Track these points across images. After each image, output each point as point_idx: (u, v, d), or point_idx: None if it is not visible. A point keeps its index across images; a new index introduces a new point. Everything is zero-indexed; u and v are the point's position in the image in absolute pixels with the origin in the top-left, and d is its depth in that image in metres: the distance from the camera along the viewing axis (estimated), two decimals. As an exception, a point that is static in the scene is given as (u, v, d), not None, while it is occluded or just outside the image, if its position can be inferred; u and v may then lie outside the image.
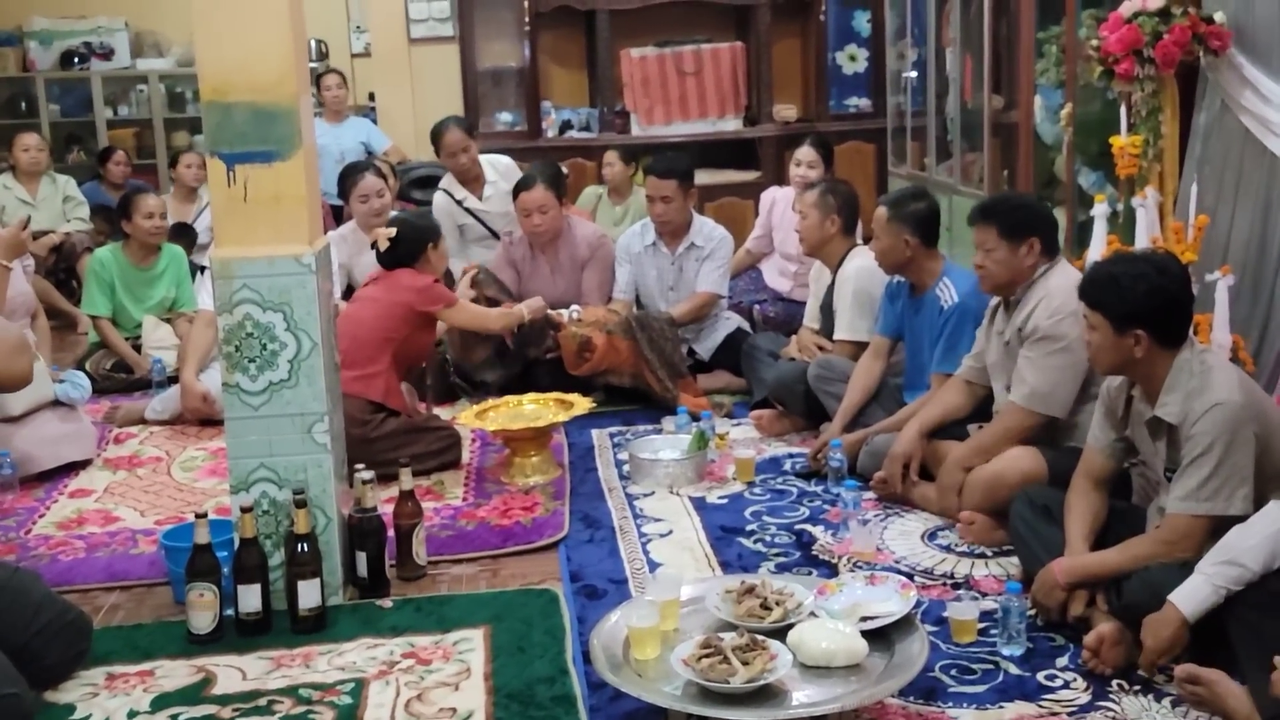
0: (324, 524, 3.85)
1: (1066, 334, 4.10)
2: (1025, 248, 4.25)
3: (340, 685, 3.41)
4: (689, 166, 6.43)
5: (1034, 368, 4.16)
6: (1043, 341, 4.14)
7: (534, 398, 5.40)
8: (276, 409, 3.81)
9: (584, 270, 6.47)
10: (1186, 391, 3.36)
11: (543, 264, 6.52)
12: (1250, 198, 4.88)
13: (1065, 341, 4.11)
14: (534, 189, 6.34)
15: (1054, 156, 6.32)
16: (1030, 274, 4.27)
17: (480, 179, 7.20)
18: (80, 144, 11.71)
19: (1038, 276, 4.26)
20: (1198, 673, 3.05)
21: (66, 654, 3.45)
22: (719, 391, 6.19)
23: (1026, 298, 4.26)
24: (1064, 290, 4.14)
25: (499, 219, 7.04)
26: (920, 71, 8.41)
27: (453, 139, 7.10)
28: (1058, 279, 4.23)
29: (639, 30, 9.81)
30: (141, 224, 6.81)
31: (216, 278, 3.79)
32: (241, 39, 3.69)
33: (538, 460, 5.07)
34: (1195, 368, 3.39)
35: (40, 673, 3.33)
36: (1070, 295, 4.11)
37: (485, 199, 7.19)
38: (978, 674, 3.37)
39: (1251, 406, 3.32)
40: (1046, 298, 4.19)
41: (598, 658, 3.11)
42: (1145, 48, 4.90)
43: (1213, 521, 3.27)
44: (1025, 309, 4.24)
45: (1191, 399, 3.34)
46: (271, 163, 3.74)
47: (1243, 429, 3.28)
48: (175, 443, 5.74)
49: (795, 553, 4.25)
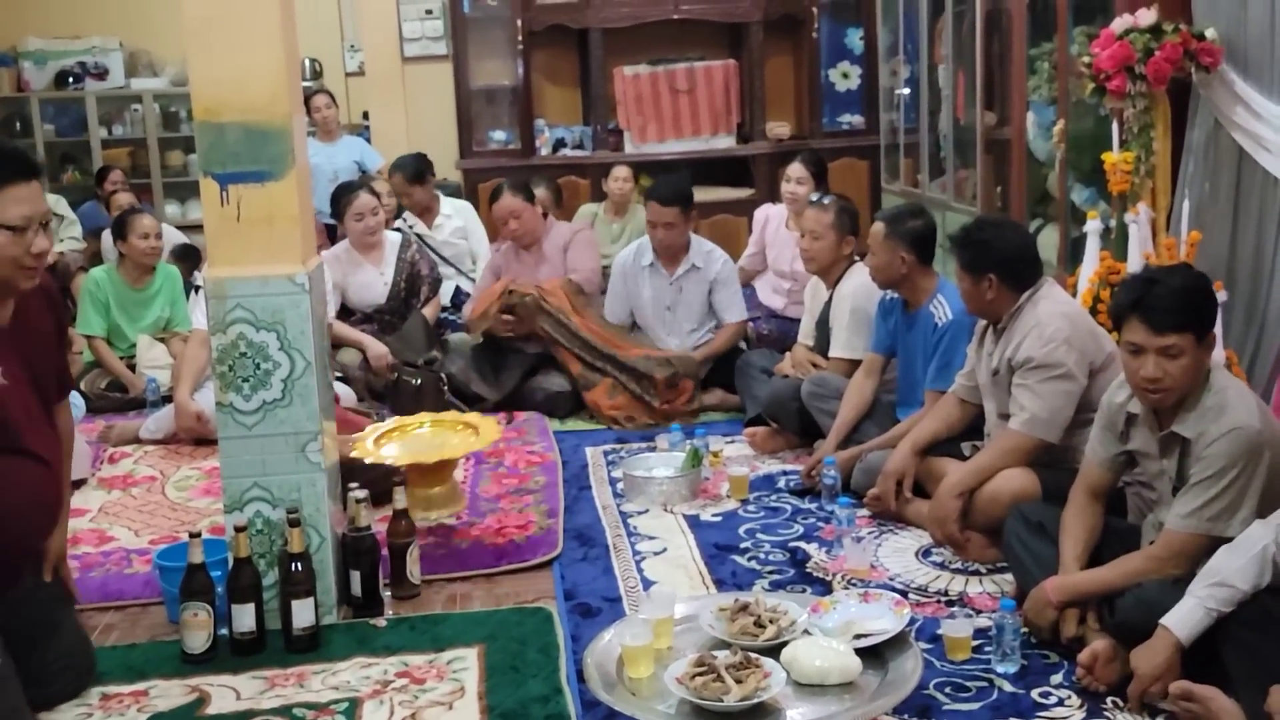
0: (318, 543, 3.85)
1: (1062, 361, 4.08)
2: (985, 283, 4.23)
3: (334, 705, 3.40)
4: (690, 191, 6.45)
5: (1031, 394, 4.12)
6: (1039, 369, 4.10)
7: (434, 418, 5.02)
8: (270, 428, 3.80)
9: (567, 253, 6.64)
10: (1203, 410, 3.33)
11: (527, 259, 6.67)
12: (1243, 214, 4.89)
13: (1063, 369, 4.08)
14: (502, 198, 6.61)
15: (1046, 173, 6.34)
16: (1000, 306, 4.24)
17: (434, 210, 8.11)
18: (75, 164, 11.73)
19: (1024, 304, 4.22)
20: (1191, 690, 3.05)
21: (67, 689, 3.45)
22: (713, 409, 6.20)
23: (1014, 327, 4.22)
24: (1055, 318, 4.13)
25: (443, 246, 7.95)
26: (913, 88, 8.44)
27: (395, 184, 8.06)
28: (1046, 306, 4.19)
29: (632, 48, 9.84)
30: (137, 244, 6.81)
31: (210, 297, 3.79)
32: (234, 59, 3.69)
33: (440, 492, 4.80)
34: (1215, 385, 3.35)
35: (38, 698, 3.32)
36: (1062, 321, 4.12)
37: (435, 227, 8.04)
38: (972, 691, 3.36)
39: (1266, 432, 3.30)
40: (1038, 327, 4.14)
41: (592, 676, 3.12)
42: (1137, 64, 4.92)
43: (1210, 542, 3.26)
44: (1014, 339, 4.20)
45: (1207, 419, 3.31)
46: (264, 182, 3.74)
47: (1257, 455, 3.26)
48: (169, 462, 5.73)
49: (789, 570, 4.25)
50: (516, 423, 6.12)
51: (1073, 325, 4.15)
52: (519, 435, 5.91)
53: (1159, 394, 3.34)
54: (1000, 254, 4.24)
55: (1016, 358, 4.16)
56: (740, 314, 6.43)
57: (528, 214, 6.60)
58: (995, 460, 4.20)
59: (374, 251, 6.92)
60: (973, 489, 4.19)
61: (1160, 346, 3.28)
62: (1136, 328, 3.32)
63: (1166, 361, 3.29)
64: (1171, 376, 3.30)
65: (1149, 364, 3.30)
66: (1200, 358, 3.33)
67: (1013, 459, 4.16)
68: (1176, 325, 3.27)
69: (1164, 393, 3.33)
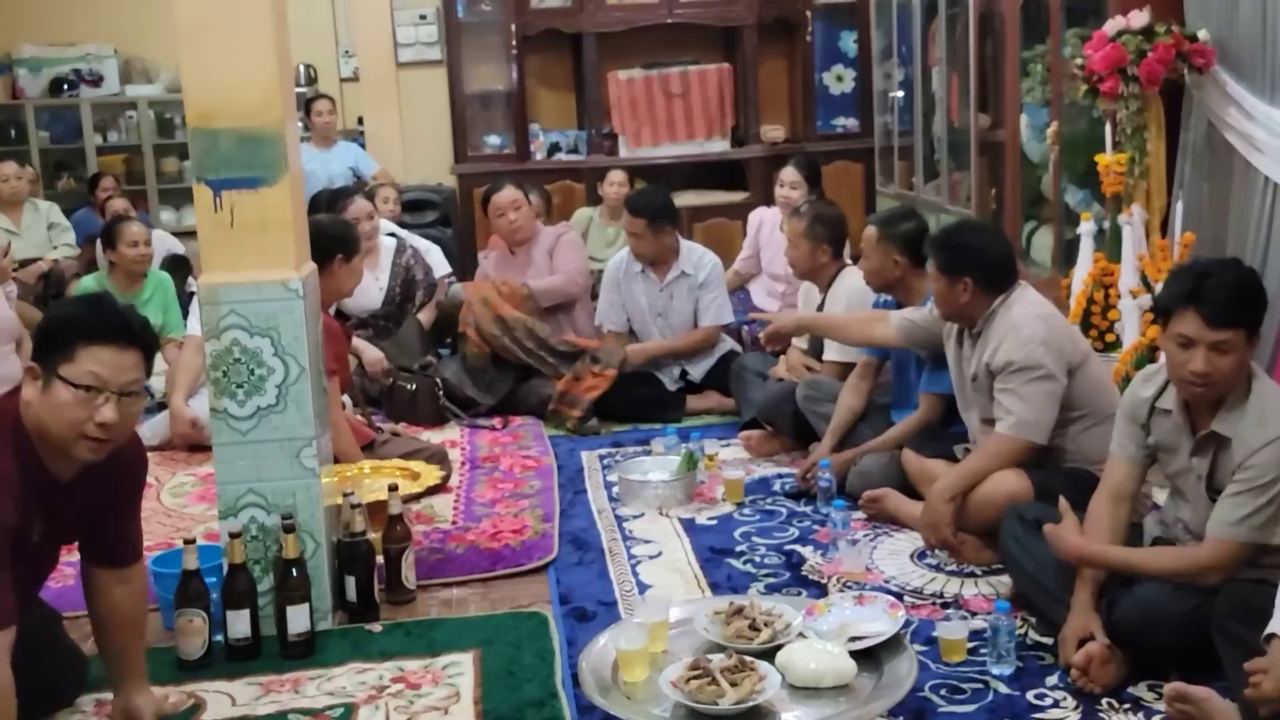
0: (313, 549, 3.84)
1: (1041, 362, 4.05)
2: (960, 286, 4.20)
3: (330, 710, 3.40)
4: (663, 206, 6.39)
5: (1015, 398, 4.09)
6: (1020, 372, 4.07)
7: (375, 466, 4.86)
8: (265, 434, 3.80)
9: (552, 256, 6.72)
10: (1244, 411, 3.26)
11: (515, 264, 6.74)
12: (1237, 215, 4.90)
13: (1043, 369, 4.05)
14: (503, 189, 6.76)
15: (1040, 174, 6.35)
16: (974, 309, 4.22)
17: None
18: (70, 171, 11.73)
19: (997, 308, 4.19)
20: (1187, 691, 3.04)
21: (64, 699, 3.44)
22: (707, 412, 6.21)
23: (988, 332, 4.20)
24: (1029, 319, 4.11)
25: None
26: (907, 91, 8.45)
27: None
28: (1019, 309, 4.16)
29: (626, 52, 9.85)
30: (126, 252, 6.81)
31: (204, 303, 3.78)
32: (227, 65, 3.69)
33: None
34: (1256, 388, 3.28)
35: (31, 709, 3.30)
36: (1037, 323, 4.10)
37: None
38: (967, 693, 3.36)
39: None
40: (1013, 330, 4.11)
41: (586, 681, 3.11)
42: (1129, 66, 4.94)
43: (1253, 549, 3.22)
44: (990, 344, 4.17)
45: (1248, 421, 3.24)
46: (258, 188, 3.74)
47: None
48: (164, 468, 5.73)
49: (785, 573, 4.25)
50: (511, 427, 6.13)
51: (1048, 326, 4.14)
52: (514, 440, 5.92)
53: (1204, 388, 3.27)
54: (979, 257, 4.22)
55: (995, 362, 4.14)
56: (717, 318, 6.40)
57: (526, 209, 6.75)
58: (985, 464, 4.18)
59: (369, 257, 6.91)
60: (964, 493, 4.18)
61: (1214, 341, 3.20)
62: (1190, 320, 3.22)
63: (1217, 357, 3.19)
64: (1220, 372, 3.20)
65: (1199, 358, 3.21)
66: (1248, 355, 3.25)
67: (1002, 462, 4.13)
68: (1232, 320, 3.19)
69: (1209, 388, 3.25)
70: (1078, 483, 3.79)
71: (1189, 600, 3.24)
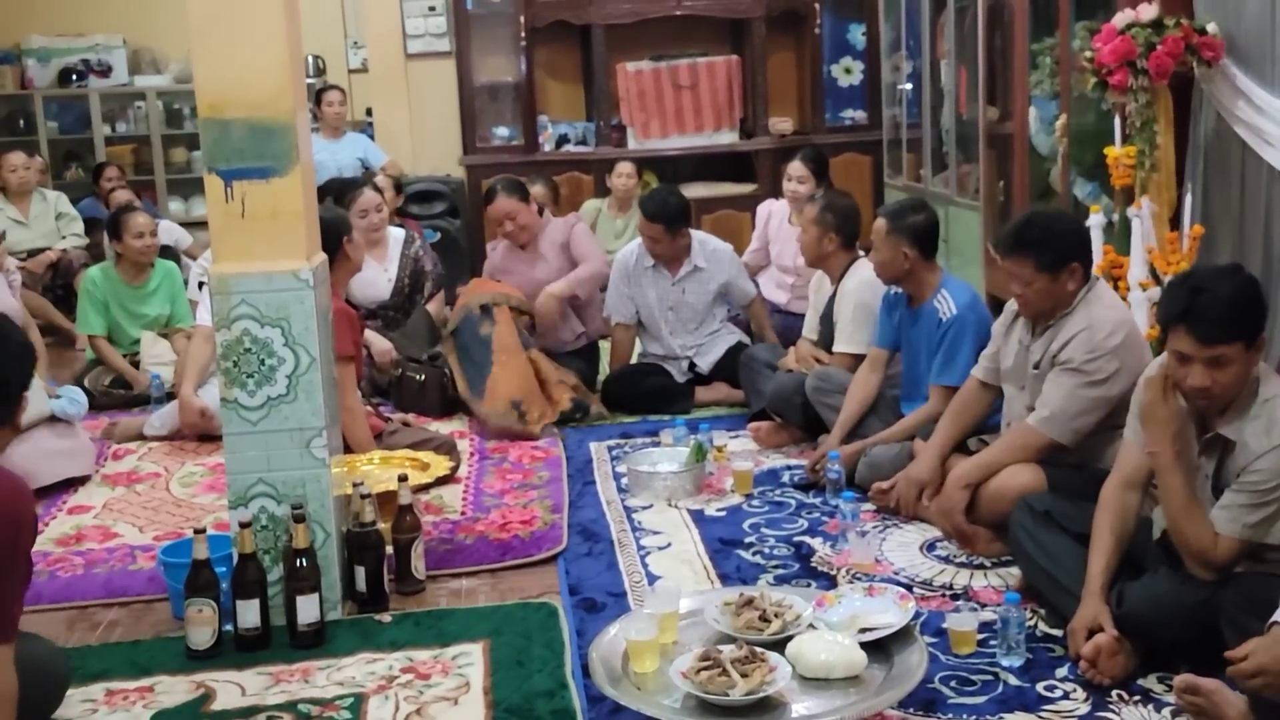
0: (323, 539, 3.85)
1: (1104, 369, 3.97)
2: (1067, 274, 4.06)
3: (339, 700, 3.41)
4: (679, 211, 6.34)
5: (1062, 393, 4.03)
6: (1077, 373, 4.00)
7: (384, 456, 4.89)
8: (275, 424, 3.81)
9: (569, 249, 6.64)
10: (1250, 415, 3.25)
11: (524, 258, 6.67)
12: (1247, 207, 4.89)
13: (1102, 375, 3.98)
14: (496, 200, 6.59)
15: (1049, 167, 6.34)
16: (1072, 295, 4.08)
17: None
18: (79, 161, 11.74)
19: (1078, 302, 4.08)
20: (1197, 683, 3.04)
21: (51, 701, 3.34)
22: (716, 403, 6.21)
23: (1064, 324, 4.08)
24: (1108, 324, 4.00)
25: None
26: (915, 83, 8.44)
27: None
28: (1099, 310, 4.05)
29: (634, 44, 9.83)
30: (132, 243, 6.83)
31: (214, 293, 3.79)
32: (238, 55, 3.70)
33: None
34: (1262, 392, 3.27)
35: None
36: (1114, 330, 4.00)
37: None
38: (977, 685, 3.37)
39: None
40: (1089, 330, 4.01)
41: (597, 671, 3.11)
42: (1138, 59, 4.92)
43: (1252, 547, 3.23)
44: (1063, 335, 4.06)
45: (1254, 424, 3.24)
46: (269, 179, 3.75)
47: None
48: (174, 458, 5.74)
49: (794, 564, 4.26)
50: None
51: (1125, 336, 4.03)
52: (523, 431, 5.92)
53: (1207, 401, 3.27)
54: (1079, 241, 4.16)
55: (1063, 354, 4.05)
56: (752, 290, 6.55)
57: (523, 214, 6.57)
58: (1003, 455, 4.16)
59: (377, 248, 6.91)
60: (979, 482, 4.18)
61: (1209, 357, 3.20)
62: (1184, 339, 3.23)
63: (1215, 371, 3.20)
64: (1220, 384, 3.21)
65: (1196, 374, 3.22)
66: (1250, 362, 3.24)
67: (1022, 455, 4.11)
68: (1224, 336, 3.19)
69: (1212, 400, 3.26)
70: (1096, 483, 3.68)
71: (1199, 592, 3.25)
